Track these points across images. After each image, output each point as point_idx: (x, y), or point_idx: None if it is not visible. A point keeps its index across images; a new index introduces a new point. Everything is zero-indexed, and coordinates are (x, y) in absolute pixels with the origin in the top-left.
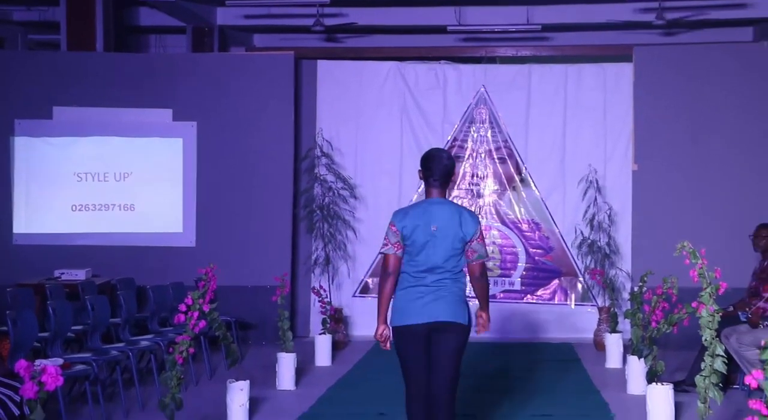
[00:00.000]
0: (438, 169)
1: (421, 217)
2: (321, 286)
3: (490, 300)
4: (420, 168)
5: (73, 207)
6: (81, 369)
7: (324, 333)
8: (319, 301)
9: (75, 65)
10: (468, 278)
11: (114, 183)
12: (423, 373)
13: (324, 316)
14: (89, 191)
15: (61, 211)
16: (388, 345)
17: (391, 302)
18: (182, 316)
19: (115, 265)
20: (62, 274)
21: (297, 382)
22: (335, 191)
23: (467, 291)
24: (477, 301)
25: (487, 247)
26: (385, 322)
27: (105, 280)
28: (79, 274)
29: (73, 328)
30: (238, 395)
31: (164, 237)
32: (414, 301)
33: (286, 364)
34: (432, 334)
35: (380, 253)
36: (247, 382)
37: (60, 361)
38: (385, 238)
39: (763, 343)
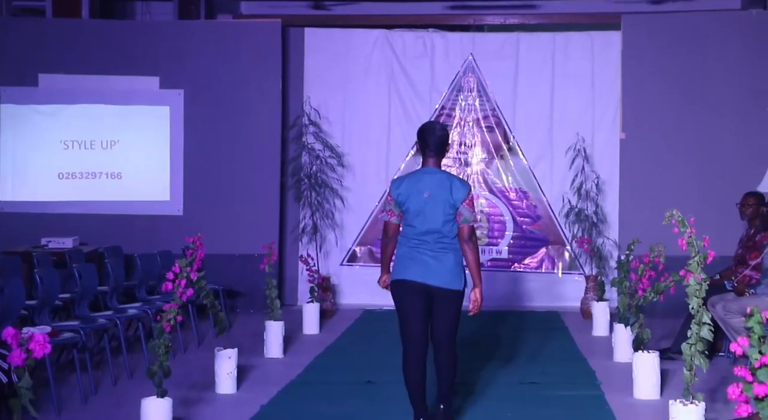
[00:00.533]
0: (432, 140)
1: (415, 185)
2: (309, 255)
3: None
4: (416, 139)
5: (60, 175)
6: (69, 337)
7: (312, 301)
8: (307, 270)
9: (61, 32)
10: None
11: (101, 151)
12: (417, 322)
13: (312, 285)
14: (76, 159)
15: (47, 178)
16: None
17: (393, 260)
18: (170, 284)
19: (102, 234)
20: (49, 242)
21: (285, 351)
22: (323, 160)
23: None
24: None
25: (476, 215)
26: (388, 272)
27: (92, 249)
28: (66, 243)
29: (60, 296)
30: (226, 363)
31: (151, 205)
32: (413, 260)
33: (274, 332)
34: (430, 297)
35: (380, 219)
36: (235, 350)
37: (48, 328)
38: (384, 206)
39: (749, 310)
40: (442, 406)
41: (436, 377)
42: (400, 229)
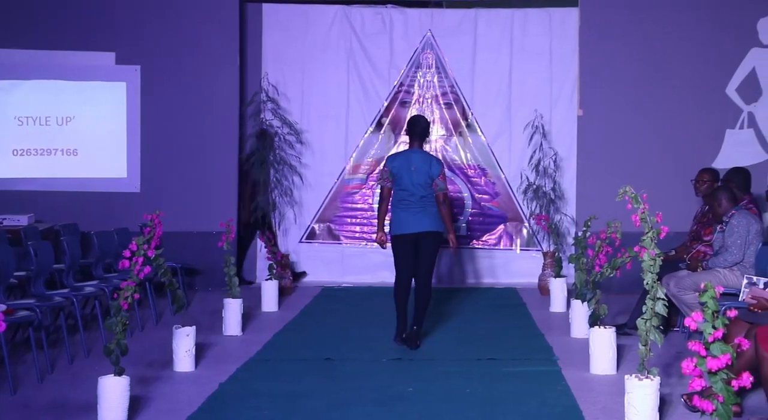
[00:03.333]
0: (418, 130)
1: (405, 160)
2: (267, 232)
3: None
4: (406, 128)
5: (15, 151)
6: (24, 315)
7: (270, 279)
8: (266, 247)
9: (15, 6)
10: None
11: (56, 127)
12: (407, 266)
13: (270, 262)
14: (31, 135)
15: (2, 155)
16: (384, 246)
17: (389, 217)
18: (127, 262)
19: (58, 211)
20: (4, 219)
21: (243, 328)
22: (281, 136)
23: None
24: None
25: (448, 185)
26: (382, 230)
27: (48, 226)
28: (22, 220)
29: (15, 274)
30: (184, 341)
31: (108, 182)
32: (406, 216)
33: (233, 309)
34: (418, 239)
35: (377, 184)
36: (193, 327)
37: (3, 306)
38: (381, 175)
39: (702, 285)
40: (415, 327)
41: (414, 306)
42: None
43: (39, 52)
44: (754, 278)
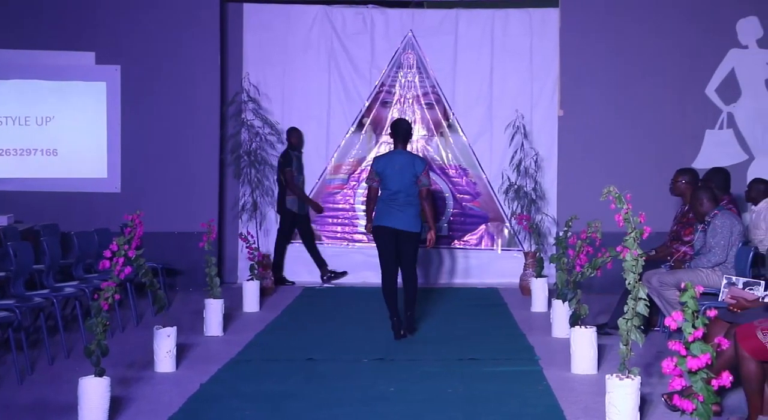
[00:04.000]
0: (400, 132)
1: (389, 161)
2: (248, 232)
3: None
4: (389, 131)
5: None
6: (4, 315)
7: (252, 279)
8: (247, 247)
9: None
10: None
11: (36, 127)
12: (391, 256)
13: (252, 262)
14: (10, 135)
15: None
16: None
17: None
18: (107, 262)
19: (38, 211)
20: None
21: (225, 328)
22: (262, 136)
23: None
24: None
25: (431, 181)
26: (370, 221)
27: (28, 227)
28: (1, 220)
29: None
30: (165, 341)
31: (88, 182)
32: (388, 212)
33: (214, 310)
34: (399, 237)
35: (365, 184)
36: (174, 328)
37: None
38: (369, 175)
39: (683, 285)
40: (408, 313)
41: (404, 294)
42: (379, 192)
43: (18, 51)
44: (734, 278)
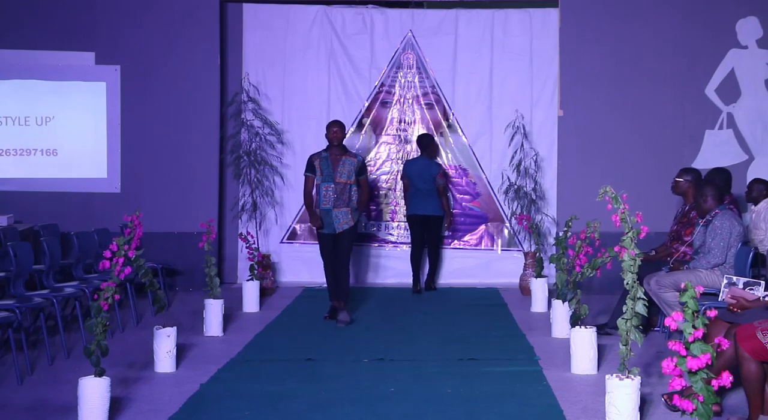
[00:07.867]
0: (423, 143)
1: (412, 165)
2: (248, 233)
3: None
4: (417, 143)
5: None
6: (4, 316)
7: (251, 279)
8: (247, 248)
9: None
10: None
11: (36, 127)
12: (420, 236)
13: (251, 263)
14: (10, 135)
15: None
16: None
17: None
18: (107, 262)
19: (38, 212)
20: None
21: (224, 329)
22: (262, 137)
23: None
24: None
25: (446, 180)
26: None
27: (28, 227)
28: (1, 220)
29: None
30: (164, 342)
31: (88, 183)
32: (418, 203)
33: (214, 310)
34: (425, 218)
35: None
36: (174, 328)
37: None
38: (400, 175)
39: (683, 285)
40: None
41: (428, 259)
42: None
43: (18, 51)
44: (734, 278)
